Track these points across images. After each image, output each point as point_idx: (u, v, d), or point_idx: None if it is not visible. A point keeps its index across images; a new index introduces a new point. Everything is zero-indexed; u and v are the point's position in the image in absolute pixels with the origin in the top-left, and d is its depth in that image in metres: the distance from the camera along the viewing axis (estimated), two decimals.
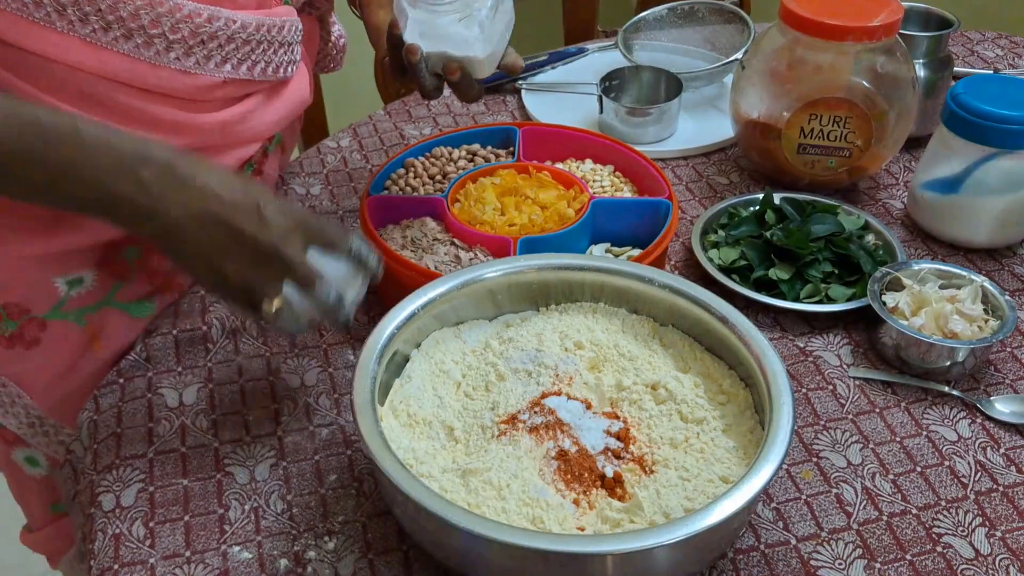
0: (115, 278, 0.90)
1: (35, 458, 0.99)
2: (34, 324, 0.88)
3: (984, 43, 1.48)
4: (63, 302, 0.88)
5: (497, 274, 0.83)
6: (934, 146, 1.03)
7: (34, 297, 0.87)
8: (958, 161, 0.99)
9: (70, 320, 0.90)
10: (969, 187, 0.99)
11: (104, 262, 0.89)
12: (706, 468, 0.71)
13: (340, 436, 0.83)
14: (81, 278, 0.88)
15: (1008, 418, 0.84)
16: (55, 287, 0.87)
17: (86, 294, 0.89)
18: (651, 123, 1.20)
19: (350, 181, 1.16)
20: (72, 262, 0.87)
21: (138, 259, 0.91)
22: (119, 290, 0.91)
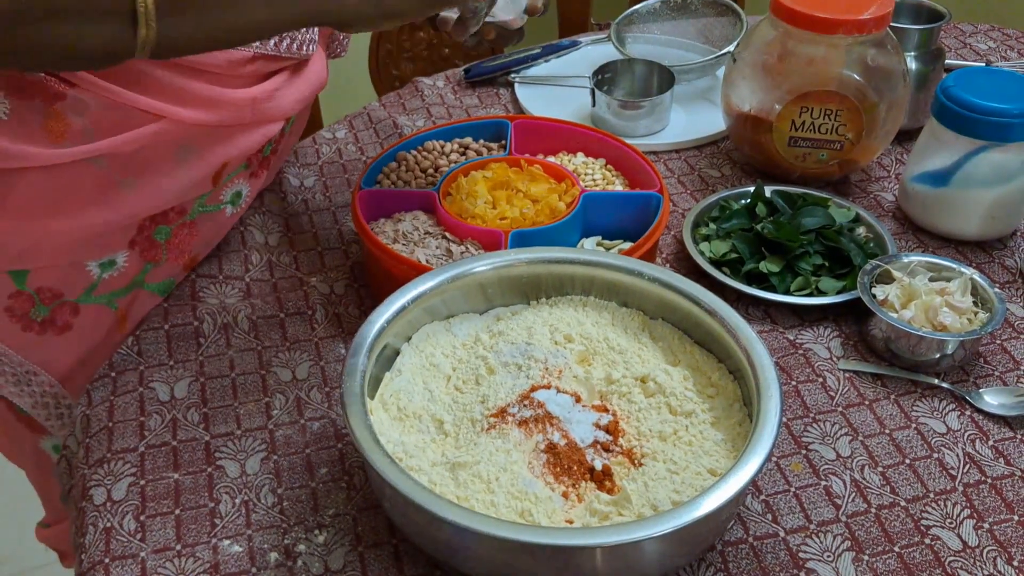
0: (145, 259, 0.91)
1: (59, 445, 0.99)
2: (67, 309, 0.89)
3: (976, 35, 1.48)
4: (95, 285, 0.89)
5: (487, 268, 0.83)
6: (925, 139, 1.03)
7: (68, 281, 0.88)
8: (948, 154, 0.99)
9: (102, 304, 0.91)
10: (959, 180, 0.99)
11: (135, 242, 0.90)
12: (694, 461, 0.71)
13: (331, 430, 0.83)
14: (113, 260, 0.89)
15: (997, 410, 0.85)
16: (88, 270, 0.88)
17: (118, 276, 0.90)
18: (643, 116, 1.20)
19: (344, 172, 1.16)
20: (104, 244, 0.88)
21: (168, 239, 0.92)
22: (149, 271, 0.92)
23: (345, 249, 1.03)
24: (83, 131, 0.80)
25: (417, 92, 1.34)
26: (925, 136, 1.03)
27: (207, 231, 0.96)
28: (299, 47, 0.91)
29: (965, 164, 0.98)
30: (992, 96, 0.96)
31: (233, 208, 0.98)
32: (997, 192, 0.98)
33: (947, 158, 0.99)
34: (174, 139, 0.85)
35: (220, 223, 0.98)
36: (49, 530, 1.09)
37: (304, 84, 0.95)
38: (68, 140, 0.80)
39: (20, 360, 0.90)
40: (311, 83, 0.96)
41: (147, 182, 0.86)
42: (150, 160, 0.85)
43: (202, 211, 0.94)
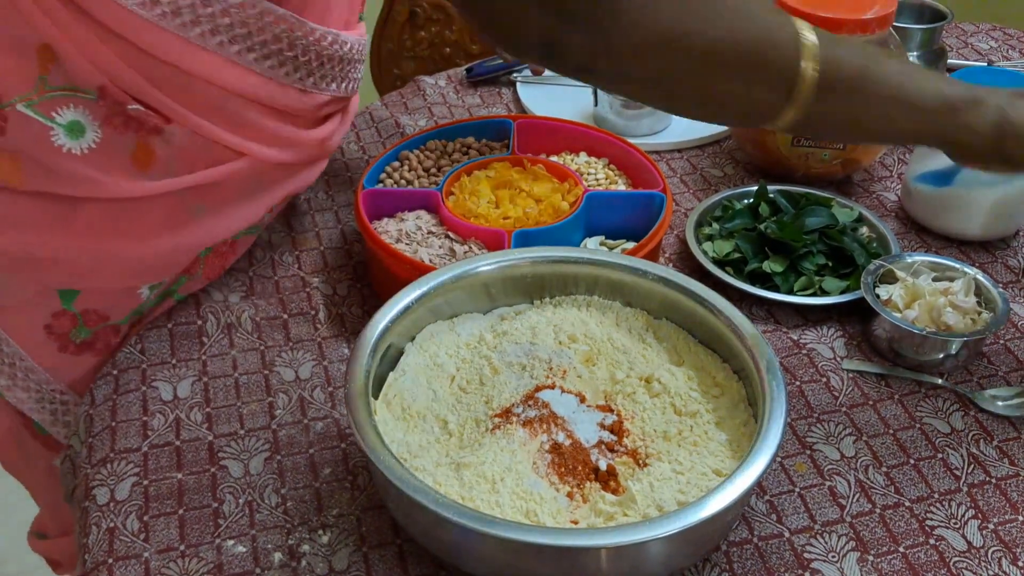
0: (183, 273, 0.91)
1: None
2: (109, 331, 0.89)
3: (978, 35, 1.48)
4: (142, 309, 0.90)
5: (491, 267, 0.83)
6: None
7: (117, 304, 0.88)
8: None
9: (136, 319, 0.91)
10: (962, 180, 0.99)
11: (189, 268, 0.90)
12: (699, 461, 0.71)
13: (335, 429, 0.83)
14: (162, 281, 0.89)
15: (1001, 410, 0.85)
16: (139, 294, 0.88)
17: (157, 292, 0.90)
18: (646, 115, 1.20)
19: (347, 171, 1.16)
20: (165, 268, 0.88)
21: (208, 255, 0.91)
22: (183, 284, 0.92)
23: (348, 249, 1.03)
24: (167, 161, 0.81)
25: (419, 91, 1.34)
26: None
27: (242, 248, 0.97)
28: (354, 87, 0.93)
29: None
30: None
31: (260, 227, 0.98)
32: (999, 191, 0.98)
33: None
34: (252, 175, 0.87)
35: (250, 242, 0.98)
36: (47, 542, 1.08)
37: (349, 120, 0.98)
38: (152, 170, 0.80)
39: (47, 379, 0.89)
40: (350, 117, 0.99)
41: (217, 212, 0.87)
42: (223, 192, 0.86)
43: (245, 233, 0.94)
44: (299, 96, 0.85)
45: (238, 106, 0.82)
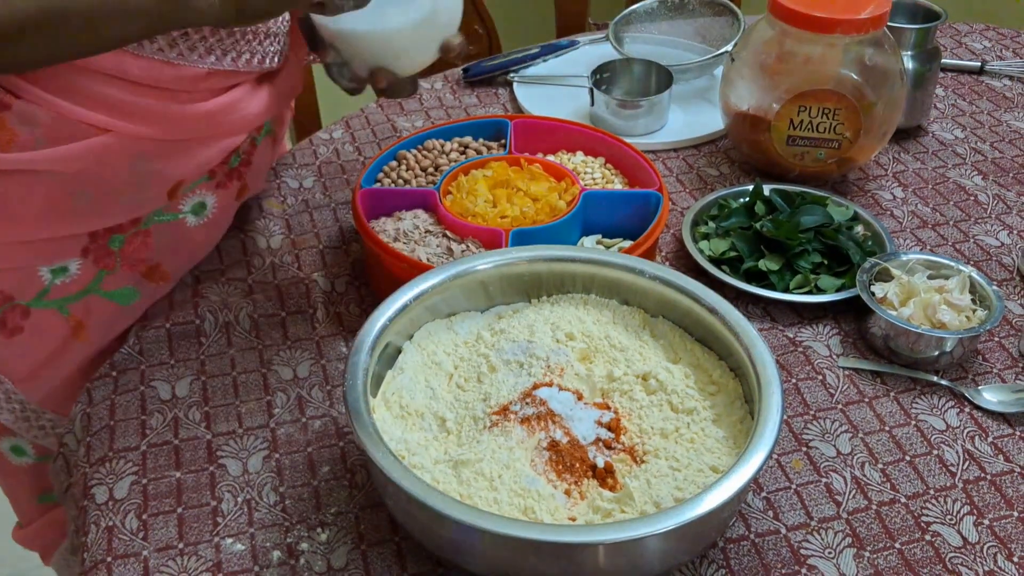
0: (99, 267, 0.90)
1: (21, 447, 0.98)
2: (17, 312, 0.88)
3: (972, 35, 1.49)
4: (47, 291, 0.88)
5: (489, 266, 0.83)
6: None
7: (19, 285, 0.87)
8: None
9: (53, 309, 0.89)
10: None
11: (88, 250, 0.88)
12: (696, 458, 0.71)
13: (333, 428, 0.83)
14: (66, 267, 0.88)
15: (996, 407, 0.85)
16: (39, 275, 0.87)
17: (70, 283, 0.89)
18: (642, 115, 1.20)
19: (343, 173, 1.16)
20: (57, 250, 0.87)
21: (122, 247, 0.90)
22: (103, 279, 0.91)
23: (346, 248, 1.04)
24: (33, 142, 0.79)
25: (415, 93, 1.34)
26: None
27: (166, 240, 0.93)
28: (260, 60, 0.89)
29: None
30: None
31: (197, 219, 0.95)
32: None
33: None
34: (126, 153, 0.83)
35: (181, 233, 0.94)
36: (25, 531, 1.08)
37: (269, 95, 0.92)
38: (16, 148, 0.79)
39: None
40: (278, 93, 0.94)
41: (101, 197, 0.85)
42: (103, 175, 0.84)
43: (158, 220, 0.91)
44: (163, 68, 0.81)
45: (92, 81, 0.79)
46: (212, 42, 0.83)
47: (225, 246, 1.03)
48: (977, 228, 1.07)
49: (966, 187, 1.14)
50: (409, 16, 0.77)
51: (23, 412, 0.94)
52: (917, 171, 1.17)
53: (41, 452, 0.99)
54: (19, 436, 0.97)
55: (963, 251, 1.04)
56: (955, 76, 1.38)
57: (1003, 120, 1.27)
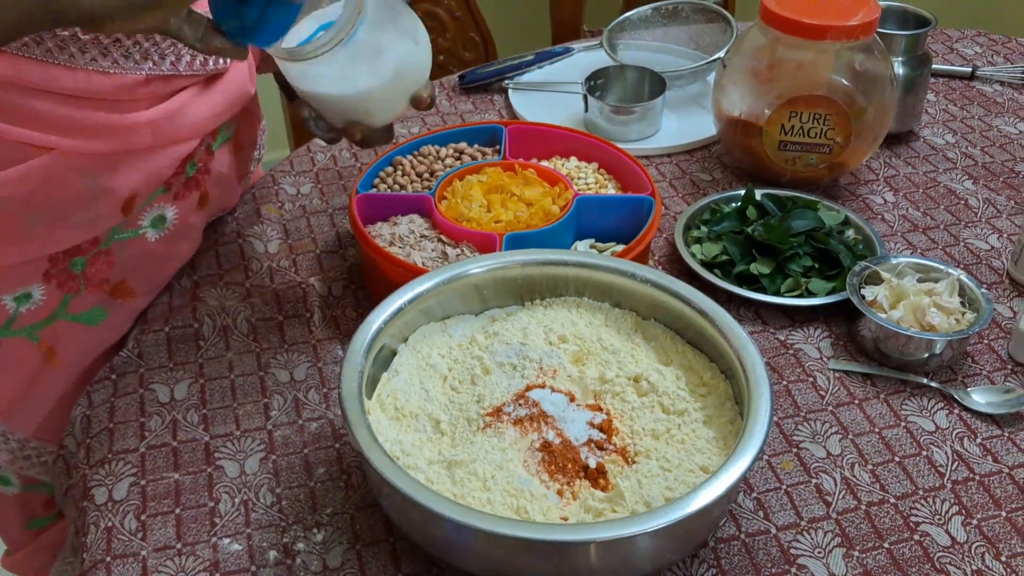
0: (64, 290, 0.88)
1: (6, 477, 0.98)
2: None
3: (963, 40, 1.50)
4: (12, 319, 0.87)
5: (483, 270, 0.84)
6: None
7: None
8: None
9: (22, 337, 0.88)
10: None
11: (50, 275, 0.87)
12: (687, 458, 0.72)
13: (329, 430, 0.84)
14: (29, 293, 0.86)
15: (984, 408, 0.86)
16: (3, 304, 0.86)
17: (36, 309, 0.87)
18: (635, 121, 1.21)
19: (339, 179, 1.17)
20: (17, 277, 0.85)
21: (84, 269, 0.89)
22: (69, 302, 0.89)
23: (342, 252, 1.05)
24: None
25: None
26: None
27: (127, 257, 0.92)
28: (203, 62, 0.86)
29: None
30: None
31: (156, 232, 0.93)
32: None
33: None
34: (71, 170, 0.82)
35: (143, 248, 0.93)
36: (14, 557, 1.07)
37: (218, 98, 0.90)
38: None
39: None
40: (227, 96, 0.91)
41: (53, 218, 0.83)
42: (52, 195, 0.82)
43: (118, 239, 0.90)
44: (98, 79, 0.78)
45: (23, 97, 0.76)
46: (147, 47, 0.81)
47: (224, 251, 1.04)
48: (967, 232, 1.08)
49: (956, 191, 1.15)
50: (377, 77, 0.77)
51: (6, 444, 0.94)
52: (908, 176, 1.18)
53: (27, 481, 0.98)
54: (3, 467, 0.97)
55: (953, 255, 1.05)
56: (946, 81, 1.39)
57: (993, 125, 1.28)
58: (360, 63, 0.75)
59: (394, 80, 0.78)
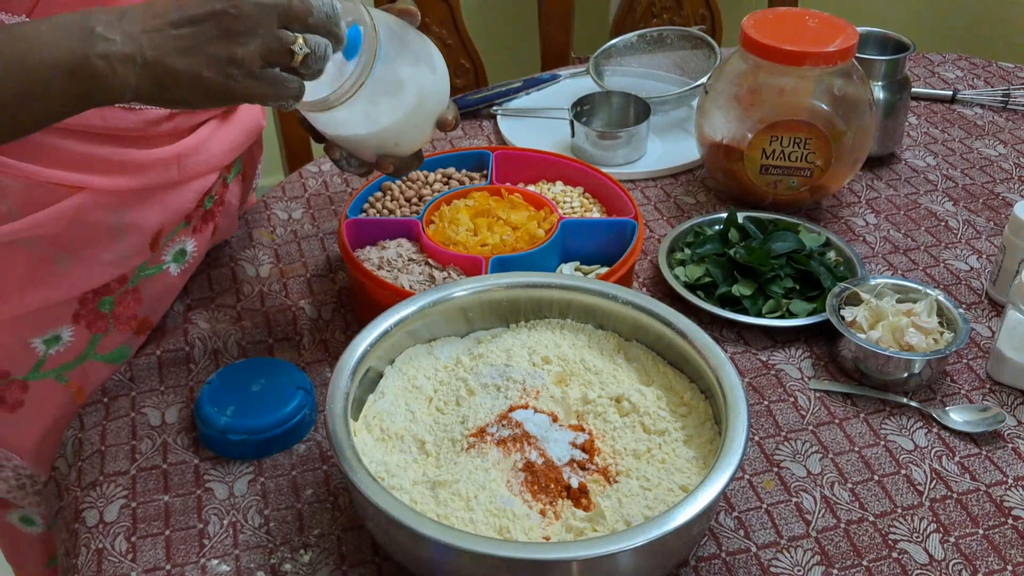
0: (93, 331, 0.90)
1: (30, 517, 0.99)
2: (15, 386, 0.88)
3: (944, 64, 1.53)
4: (42, 362, 0.88)
5: (468, 293, 0.85)
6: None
7: (13, 359, 0.87)
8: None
9: (51, 379, 0.89)
10: None
11: (80, 316, 0.88)
12: (666, 477, 0.74)
13: (317, 452, 0.85)
14: (58, 335, 0.88)
15: (962, 427, 0.87)
16: (32, 348, 0.87)
17: (65, 351, 0.89)
18: (621, 146, 1.23)
19: (331, 204, 1.19)
20: (47, 320, 0.87)
21: (113, 308, 0.90)
22: (98, 342, 0.91)
23: (332, 276, 1.06)
24: (8, 214, 0.80)
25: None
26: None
27: (152, 294, 0.94)
28: None
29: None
30: None
31: (178, 266, 0.95)
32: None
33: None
34: (101, 209, 0.84)
35: (166, 283, 0.95)
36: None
37: (235, 131, 0.92)
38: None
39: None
40: (243, 129, 0.94)
41: (83, 257, 0.85)
42: (82, 235, 0.84)
43: (144, 275, 0.92)
44: (124, 115, 0.80)
45: (54, 137, 0.78)
46: None
47: (216, 275, 1.06)
48: (947, 253, 1.10)
49: (937, 213, 1.17)
50: (401, 110, 0.78)
51: (34, 487, 0.95)
52: (889, 198, 1.20)
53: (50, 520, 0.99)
54: (28, 508, 0.97)
55: (934, 275, 1.06)
56: (928, 104, 1.41)
57: (974, 148, 1.31)
58: (383, 100, 0.77)
59: (418, 109, 0.80)
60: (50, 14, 0.70)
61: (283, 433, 0.84)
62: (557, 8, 1.71)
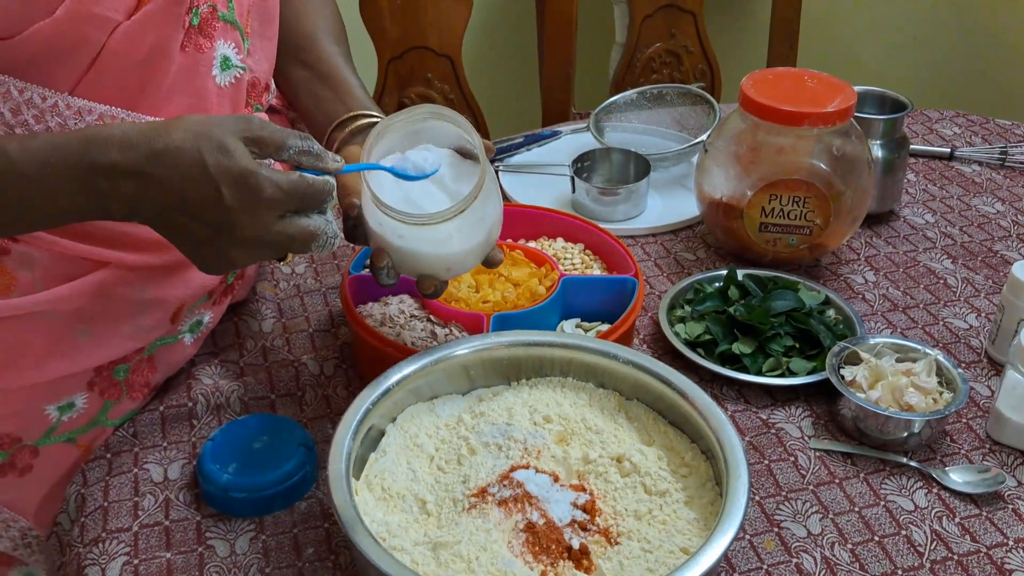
0: (105, 398, 0.90)
1: (34, 575, 0.99)
2: (26, 452, 0.88)
3: (942, 121, 1.55)
4: (54, 428, 0.89)
5: (469, 351, 0.86)
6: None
7: (26, 426, 0.87)
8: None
9: (62, 442, 0.90)
10: None
11: (94, 384, 0.89)
12: (667, 539, 0.74)
13: (318, 509, 0.85)
14: (72, 402, 0.88)
15: (963, 488, 0.87)
16: (46, 414, 0.87)
17: (77, 417, 0.89)
18: (621, 202, 1.25)
19: (333, 259, 1.20)
20: (62, 388, 0.87)
21: (127, 376, 0.91)
22: (110, 408, 0.92)
23: (335, 331, 1.07)
24: (32, 285, 0.81)
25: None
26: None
27: (165, 362, 0.95)
28: None
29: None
30: None
31: (192, 336, 0.96)
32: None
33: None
34: (125, 284, 0.85)
35: (179, 352, 0.96)
36: None
37: None
38: (16, 293, 0.81)
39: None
40: None
41: (104, 331, 0.86)
42: (104, 309, 0.85)
43: (160, 344, 0.93)
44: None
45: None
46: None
47: (219, 329, 1.06)
48: (946, 311, 1.11)
49: (936, 270, 1.18)
50: (471, 240, 0.81)
51: (39, 546, 0.95)
52: (888, 255, 1.21)
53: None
54: (33, 565, 0.97)
55: (932, 333, 1.07)
56: (926, 162, 1.43)
57: (972, 205, 1.32)
58: (467, 227, 0.80)
59: (485, 242, 0.83)
60: (91, 95, 0.76)
61: (285, 490, 0.84)
62: (558, 65, 1.73)
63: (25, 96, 0.75)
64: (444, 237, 0.79)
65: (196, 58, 0.84)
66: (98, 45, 0.77)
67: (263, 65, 0.94)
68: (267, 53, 0.94)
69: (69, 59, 0.76)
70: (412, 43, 1.65)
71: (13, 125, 0.75)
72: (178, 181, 0.70)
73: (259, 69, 0.93)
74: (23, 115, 0.75)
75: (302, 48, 1.00)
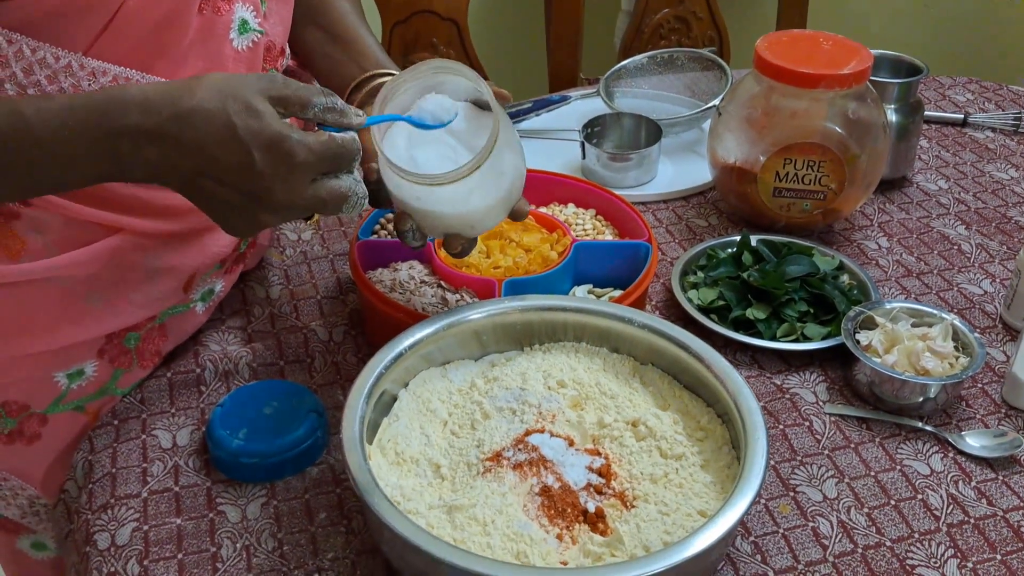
0: (115, 366, 0.90)
1: (42, 542, 0.98)
2: (34, 420, 0.88)
3: (955, 87, 1.53)
4: (64, 395, 0.88)
5: (482, 315, 0.85)
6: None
7: (35, 393, 0.87)
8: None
9: (70, 410, 0.89)
10: None
11: (104, 351, 0.89)
12: (685, 502, 0.73)
13: (330, 475, 0.85)
14: (82, 370, 0.88)
15: (979, 452, 0.87)
16: (56, 382, 0.87)
17: (87, 385, 0.89)
18: (632, 168, 1.23)
19: (340, 225, 1.19)
20: (73, 355, 0.87)
21: (137, 344, 0.91)
22: (120, 377, 0.91)
23: (343, 298, 1.06)
24: (44, 249, 0.80)
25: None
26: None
27: (176, 331, 0.95)
28: None
29: None
30: None
31: (204, 304, 0.96)
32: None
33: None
34: (138, 251, 0.84)
35: (190, 321, 0.96)
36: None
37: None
38: (27, 257, 0.80)
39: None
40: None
41: (116, 298, 0.85)
42: (117, 276, 0.84)
43: (172, 313, 0.93)
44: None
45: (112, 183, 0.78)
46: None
47: (226, 297, 1.05)
48: (961, 277, 1.10)
49: (950, 236, 1.17)
50: (493, 195, 0.80)
51: (47, 513, 0.95)
52: (902, 221, 1.20)
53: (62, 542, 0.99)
54: (40, 533, 0.97)
55: (947, 299, 1.06)
56: (939, 128, 1.41)
57: (985, 171, 1.31)
58: (486, 183, 0.78)
59: (508, 196, 0.81)
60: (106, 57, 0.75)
61: (296, 456, 0.83)
62: (566, 29, 1.71)
63: (38, 56, 0.73)
64: (462, 196, 0.78)
65: (214, 20, 0.83)
66: (115, 5, 0.75)
67: (279, 29, 0.92)
68: (283, 16, 0.93)
69: (86, 18, 0.75)
70: (417, 7, 1.63)
71: (25, 85, 0.74)
72: (206, 145, 0.67)
73: (275, 33, 0.91)
74: (36, 75, 0.74)
75: (316, 9, 0.98)
